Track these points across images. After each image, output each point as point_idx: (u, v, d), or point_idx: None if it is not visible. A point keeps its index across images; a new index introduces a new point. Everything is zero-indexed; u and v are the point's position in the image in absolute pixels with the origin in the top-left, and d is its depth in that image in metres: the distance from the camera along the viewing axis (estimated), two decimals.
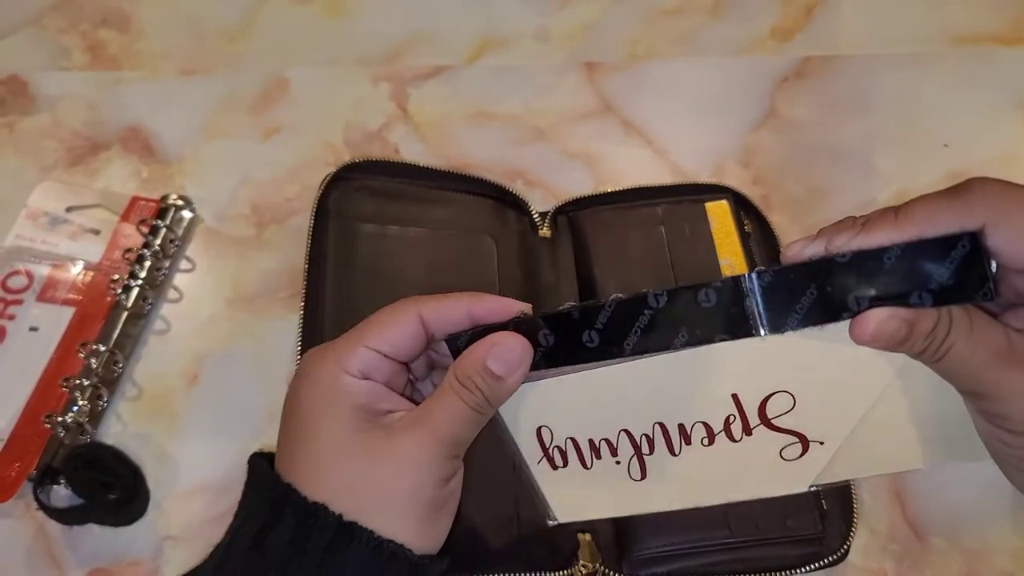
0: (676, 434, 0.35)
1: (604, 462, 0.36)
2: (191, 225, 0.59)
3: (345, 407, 0.32)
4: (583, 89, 0.66)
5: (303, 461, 0.32)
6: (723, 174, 0.61)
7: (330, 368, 0.33)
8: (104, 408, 0.51)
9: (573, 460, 0.36)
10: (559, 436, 0.36)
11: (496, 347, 0.31)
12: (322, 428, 0.32)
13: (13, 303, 0.53)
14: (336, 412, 0.32)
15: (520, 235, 0.57)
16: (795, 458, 0.35)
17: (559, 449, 0.36)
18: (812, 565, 0.45)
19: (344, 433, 0.32)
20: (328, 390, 0.32)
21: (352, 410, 0.32)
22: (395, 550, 0.31)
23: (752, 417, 0.34)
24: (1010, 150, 0.63)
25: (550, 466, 0.37)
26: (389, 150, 0.62)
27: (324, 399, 0.32)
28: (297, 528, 0.31)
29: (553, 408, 0.35)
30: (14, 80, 0.65)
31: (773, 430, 0.34)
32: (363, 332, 0.33)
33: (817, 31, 0.69)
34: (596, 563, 0.45)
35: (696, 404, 0.34)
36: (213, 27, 0.68)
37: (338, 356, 0.33)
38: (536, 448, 0.36)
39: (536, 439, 0.36)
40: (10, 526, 0.48)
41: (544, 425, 0.36)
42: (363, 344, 0.33)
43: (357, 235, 0.54)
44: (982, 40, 0.68)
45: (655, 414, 0.35)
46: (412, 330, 0.33)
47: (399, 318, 0.33)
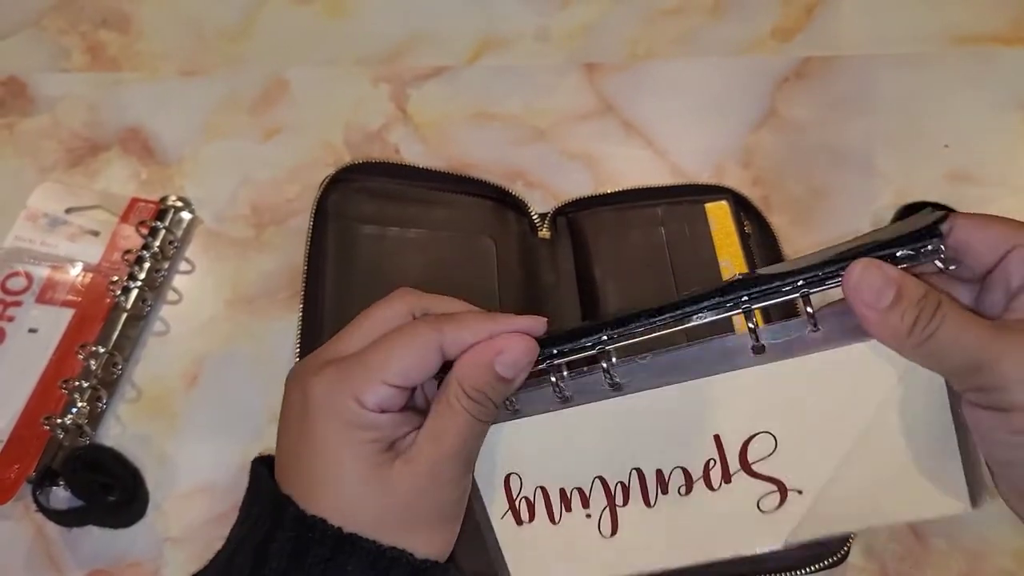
0: (653, 481, 0.34)
1: (574, 515, 0.35)
2: (190, 226, 0.59)
3: (364, 443, 0.31)
4: (583, 89, 0.66)
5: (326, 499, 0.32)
6: (723, 174, 0.61)
7: (347, 402, 0.31)
8: (103, 410, 0.51)
9: (540, 513, 0.35)
10: (528, 485, 0.35)
11: (504, 354, 0.31)
12: (344, 467, 0.31)
13: (12, 304, 0.53)
14: (355, 449, 0.31)
15: (520, 236, 0.57)
16: (772, 509, 0.34)
17: (527, 501, 0.35)
18: (813, 566, 0.45)
19: (364, 468, 0.31)
20: (346, 426, 0.31)
21: (371, 444, 0.31)
22: (395, 555, 0.31)
23: (733, 462, 0.33)
24: (1009, 149, 0.63)
25: (515, 521, 0.35)
26: (389, 151, 0.62)
27: (341, 434, 0.32)
28: (296, 540, 0.31)
29: (526, 451, 0.34)
30: (13, 81, 0.65)
31: (753, 476, 0.33)
32: (380, 363, 0.32)
33: (817, 31, 0.69)
34: None
35: (677, 446, 0.34)
36: (213, 28, 0.68)
37: (354, 390, 0.31)
38: (502, 499, 0.35)
39: (503, 488, 0.35)
40: (9, 528, 0.48)
41: (514, 472, 0.35)
42: (381, 380, 0.31)
43: (356, 236, 0.54)
44: (983, 40, 0.68)
45: (634, 458, 0.34)
46: (431, 360, 0.32)
47: (418, 350, 0.32)
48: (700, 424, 0.33)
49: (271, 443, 0.50)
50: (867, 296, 0.29)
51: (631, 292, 0.53)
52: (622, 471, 0.34)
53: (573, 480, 0.34)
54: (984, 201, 0.59)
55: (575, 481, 0.34)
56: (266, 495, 0.33)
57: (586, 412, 0.33)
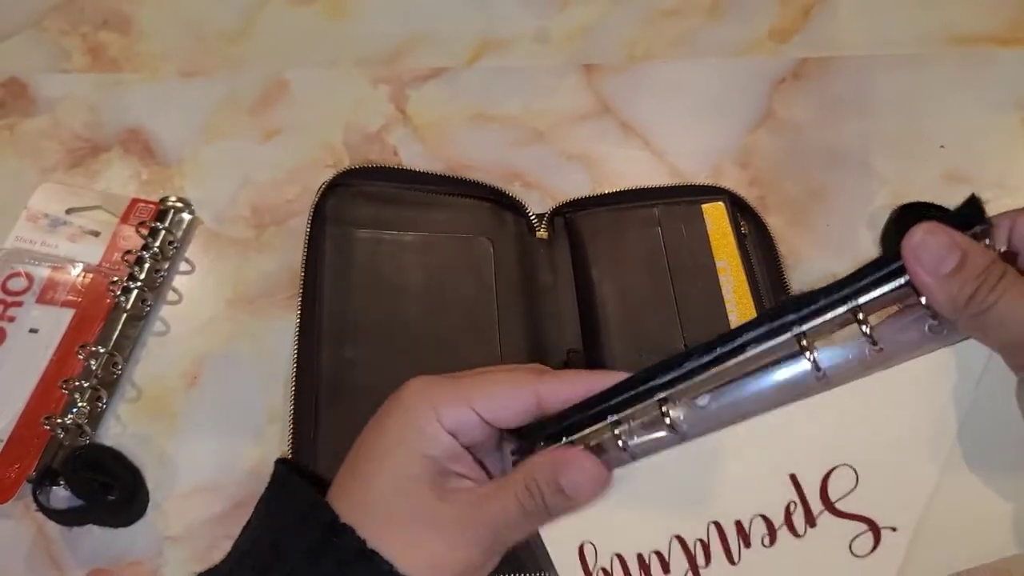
0: (734, 534, 0.31)
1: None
2: (190, 227, 0.59)
3: (417, 453, 0.31)
4: (582, 91, 0.66)
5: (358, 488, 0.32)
6: (721, 175, 0.62)
7: (425, 409, 0.31)
8: (103, 409, 0.52)
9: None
10: (604, 553, 0.32)
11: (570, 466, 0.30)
12: (386, 463, 0.31)
13: (13, 305, 0.54)
14: (406, 454, 0.31)
15: (517, 237, 0.57)
16: (868, 553, 0.30)
17: (603, 572, 0.33)
18: None
19: (404, 477, 0.31)
20: (409, 428, 0.31)
21: (423, 459, 0.31)
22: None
23: (814, 502, 0.30)
24: (1006, 150, 0.63)
25: None
26: (388, 152, 0.63)
27: (402, 434, 0.31)
28: (320, 542, 0.30)
29: (596, 516, 0.32)
30: (14, 82, 0.65)
31: (838, 516, 0.30)
32: (476, 388, 0.32)
33: (815, 32, 0.69)
34: None
35: (752, 492, 0.31)
36: (213, 29, 0.69)
37: (438, 401, 0.31)
38: (578, 571, 0.33)
39: (578, 560, 0.33)
40: (10, 527, 0.49)
41: (587, 541, 0.33)
42: (470, 403, 0.31)
43: (354, 241, 0.54)
44: (980, 41, 0.68)
45: (709, 510, 0.32)
46: (524, 406, 0.32)
47: (516, 391, 0.32)
48: (772, 464, 0.31)
49: (271, 443, 0.51)
50: (927, 259, 0.27)
51: (628, 292, 0.53)
52: (699, 526, 0.32)
53: (650, 543, 0.32)
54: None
55: (652, 544, 0.32)
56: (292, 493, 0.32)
57: (652, 466, 0.31)
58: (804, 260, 0.57)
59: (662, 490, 0.32)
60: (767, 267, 0.56)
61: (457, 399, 0.31)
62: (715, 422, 0.31)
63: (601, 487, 0.31)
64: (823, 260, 0.58)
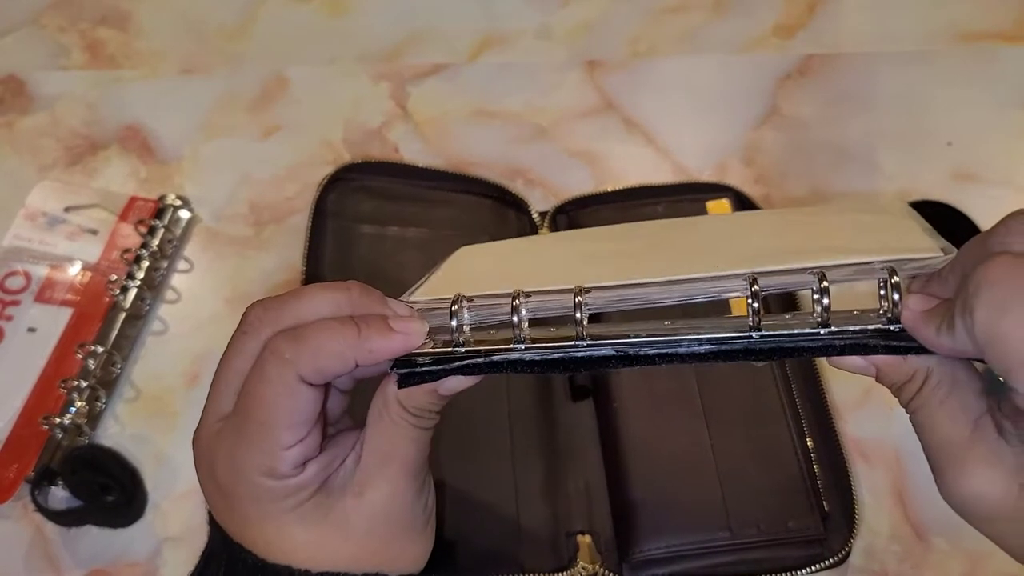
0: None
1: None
2: (189, 225, 0.58)
3: (298, 506, 0.30)
4: (584, 87, 0.66)
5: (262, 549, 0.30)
6: (725, 172, 0.61)
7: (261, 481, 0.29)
8: (102, 409, 0.51)
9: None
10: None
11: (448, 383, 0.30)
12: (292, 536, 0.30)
13: (11, 304, 0.53)
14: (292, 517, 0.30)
15: (520, 235, 0.56)
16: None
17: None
18: (814, 567, 0.45)
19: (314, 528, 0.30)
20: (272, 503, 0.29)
21: (307, 504, 0.30)
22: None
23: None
24: (1013, 147, 0.62)
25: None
26: (389, 149, 0.62)
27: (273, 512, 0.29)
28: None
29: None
30: (12, 79, 0.65)
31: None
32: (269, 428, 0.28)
33: (820, 28, 0.68)
34: (596, 565, 0.45)
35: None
36: (212, 26, 0.68)
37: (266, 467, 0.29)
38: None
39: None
40: (8, 528, 0.48)
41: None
42: (281, 448, 0.28)
43: (356, 236, 0.54)
44: (985, 38, 0.68)
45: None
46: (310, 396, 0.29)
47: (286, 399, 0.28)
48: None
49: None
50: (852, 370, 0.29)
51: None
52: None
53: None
54: (988, 200, 0.59)
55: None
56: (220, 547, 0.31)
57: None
58: None
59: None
60: None
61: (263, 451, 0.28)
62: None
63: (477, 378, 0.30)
64: None
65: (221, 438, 0.30)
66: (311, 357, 0.28)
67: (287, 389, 0.28)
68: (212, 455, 0.30)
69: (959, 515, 0.29)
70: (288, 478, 0.29)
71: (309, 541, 0.30)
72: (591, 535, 0.46)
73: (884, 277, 0.29)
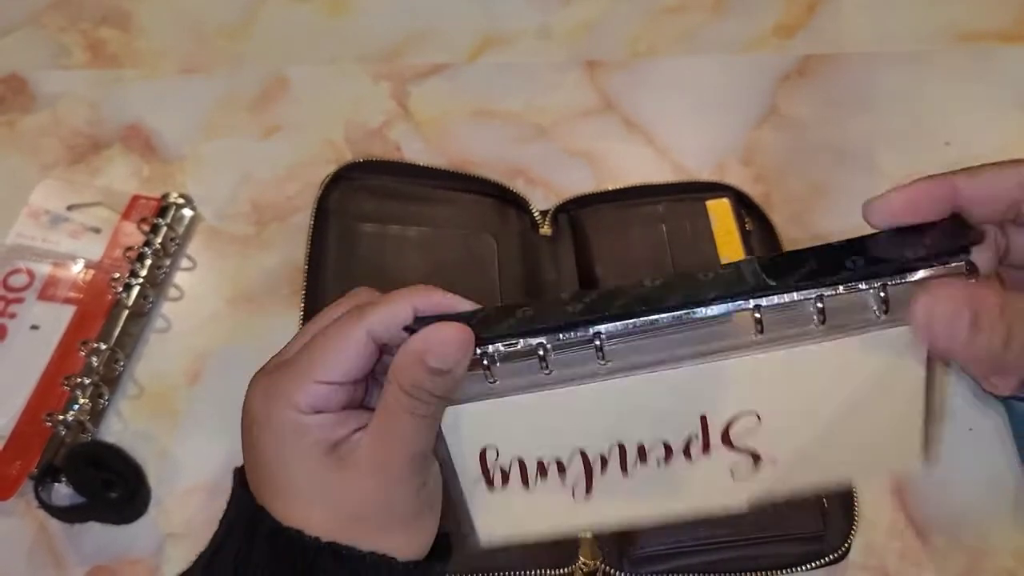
0: (634, 454, 0.34)
1: (549, 482, 0.34)
2: (192, 223, 0.59)
3: (303, 446, 0.31)
4: (585, 87, 0.66)
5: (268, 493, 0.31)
6: (725, 172, 0.61)
7: (280, 407, 0.31)
8: (105, 406, 0.51)
9: (515, 481, 0.34)
10: (505, 457, 0.34)
11: (430, 341, 0.29)
12: (284, 467, 0.31)
13: (14, 301, 0.53)
14: (294, 451, 0.31)
15: (521, 234, 0.57)
16: (744, 476, 0.34)
17: (501, 470, 0.34)
18: (813, 563, 0.45)
19: (309, 474, 0.31)
20: (282, 429, 0.31)
21: (311, 447, 0.31)
22: (377, 562, 0.31)
23: (715, 438, 0.34)
24: (1012, 147, 0.62)
25: (487, 486, 0.34)
26: (390, 148, 0.62)
27: (280, 439, 0.31)
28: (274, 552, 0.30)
29: (506, 428, 0.33)
30: (14, 78, 0.65)
31: (730, 449, 0.34)
32: (310, 363, 0.31)
33: (819, 29, 0.69)
34: (597, 561, 0.45)
35: (662, 424, 0.33)
36: (213, 25, 0.68)
37: (287, 396, 0.31)
38: (476, 469, 0.34)
39: (478, 460, 0.34)
40: (11, 524, 0.48)
41: (490, 446, 0.34)
42: (312, 379, 0.30)
43: (357, 235, 0.54)
44: (984, 37, 0.68)
45: (617, 434, 0.34)
46: (361, 351, 0.31)
47: (345, 343, 0.31)
48: (688, 406, 0.33)
49: None
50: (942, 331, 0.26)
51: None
52: (604, 446, 0.34)
53: (552, 453, 0.34)
54: None
55: (554, 454, 0.34)
56: (243, 506, 0.32)
57: (572, 393, 0.32)
58: None
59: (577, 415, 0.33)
60: None
61: (298, 381, 0.31)
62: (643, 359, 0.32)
63: (468, 346, 0.30)
64: None
65: (267, 373, 0.32)
66: (379, 312, 0.31)
67: (348, 340, 0.30)
68: (253, 389, 0.32)
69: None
70: (301, 414, 0.30)
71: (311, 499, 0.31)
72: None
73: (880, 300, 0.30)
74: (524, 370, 0.33)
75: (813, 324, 0.31)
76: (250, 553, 0.31)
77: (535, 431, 0.34)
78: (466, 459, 0.34)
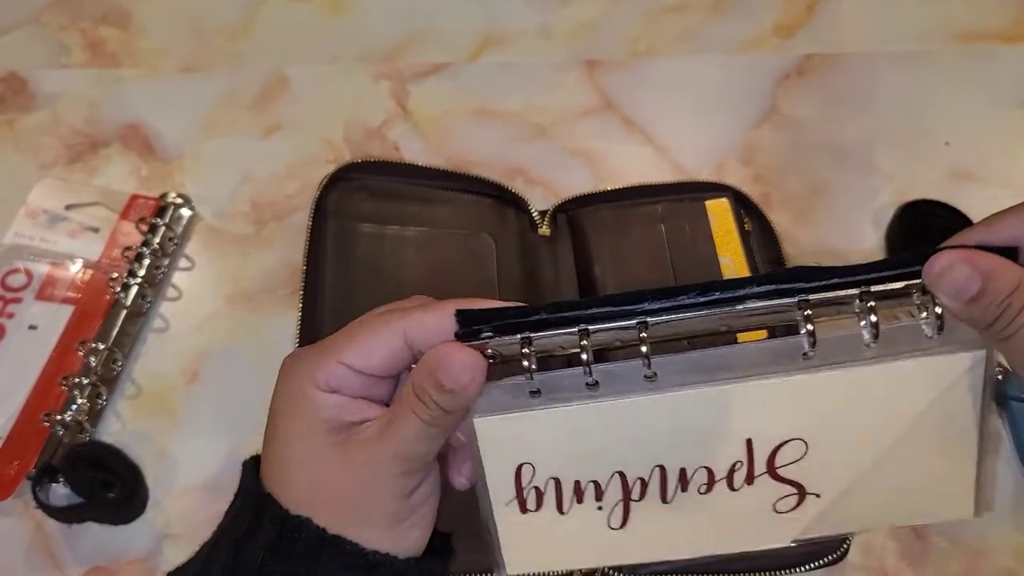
0: (674, 479, 0.33)
1: (584, 507, 0.33)
2: (190, 223, 0.59)
3: (311, 420, 0.31)
4: (584, 86, 0.66)
5: (276, 471, 0.32)
6: (724, 172, 0.61)
7: (299, 381, 0.32)
8: (103, 406, 0.51)
9: (549, 503, 0.33)
10: (541, 475, 0.33)
11: (443, 360, 0.30)
12: (290, 440, 0.32)
13: (12, 301, 0.53)
14: (303, 424, 0.32)
15: (519, 233, 0.57)
16: (787, 511, 0.33)
17: (536, 490, 0.33)
18: (812, 563, 0.45)
19: (309, 444, 0.31)
20: (296, 403, 0.32)
21: (319, 423, 0.31)
22: (379, 560, 0.31)
23: (759, 465, 0.32)
24: (1011, 147, 0.62)
25: (519, 509, 0.33)
26: (389, 147, 0.62)
27: (292, 412, 0.32)
28: (278, 539, 0.31)
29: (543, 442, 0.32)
30: (13, 77, 0.65)
31: (776, 480, 0.33)
32: (340, 344, 0.32)
33: (819, 28, 0.68)
34: None
35: (706, 446, 0.32)
36: (213, 25, 0.68)
37: (309, 369, 0.32)
38: (510, 487, 0.33)
39: (513, 477, 0.33)
40: (9, 524, 0.48)
41: (527, 462, 0.33)
42: (336, 359, 0.31)
43: (356, 235, 0.54)
44: (983, 38, 0.68)
45: (659, 455, 0.32)
46: (392, 348, 0.31)
47: (379, 335, 0.31)
48: (733, 427, 0.32)
49: None
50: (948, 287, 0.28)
51: (631, 289, 0.53)
52: (644, 468, 0.33)
53: (590, 473, 0.33)
54: (986, 199, 0.59)
55: (592, 474, 0.33)
56: (249, 491, 0.33)
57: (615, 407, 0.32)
58: (808, 257, 0.57)
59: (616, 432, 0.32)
60: (771, 264, 0.55)
61: (323, 358, 0.31)
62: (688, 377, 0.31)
63: (478, 373, 0.30)
64: (827, 257, 0.57)
65: (300, 351, 0.33)
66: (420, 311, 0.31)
67: (383, 336, 0.31)
68: (283, 366, 0.33)
69: None
70: (318, 389, 0.31)
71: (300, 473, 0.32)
72: None
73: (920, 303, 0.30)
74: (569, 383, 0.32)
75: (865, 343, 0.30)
76: (253, 537, 0.31)
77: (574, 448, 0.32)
78: (502, 476, 0.33)
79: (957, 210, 0.56)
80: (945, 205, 0.56)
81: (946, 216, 0.55)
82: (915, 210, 0.56)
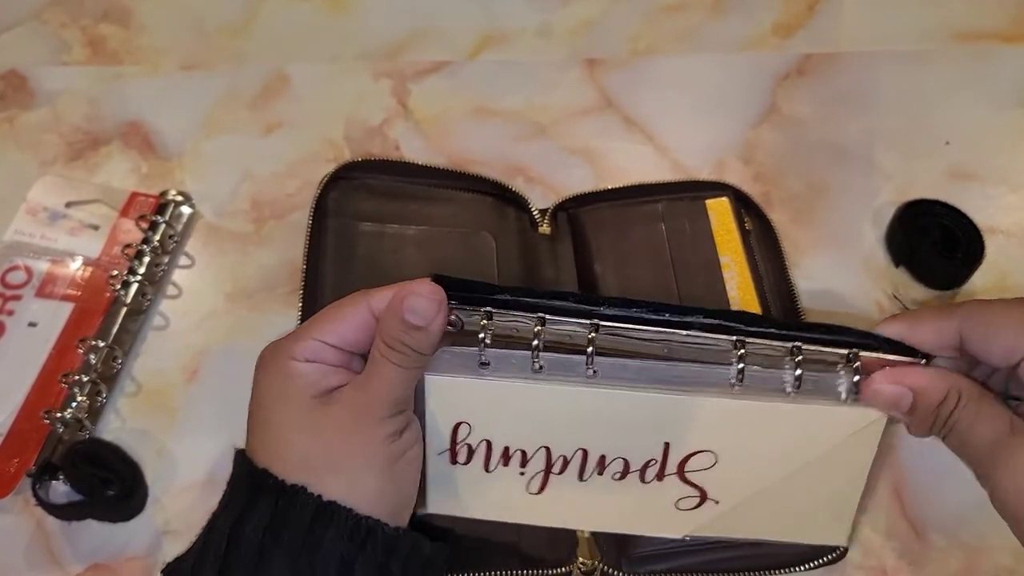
0: (594, 463, 0.37)
1: (508, 470, 0.37)
2: (190, 221, 0.59)
3: (294, 390, 0.34)
4: (584, 85, 0.66)
5: (267, 444, 0.34)
6: (724, 171, 0.61)
7: (279, 359, 0.34)
8: (103, 404, 0.51)
9: (477, 461, 0.37)
10: (476, 436, 0.36)
11: (409, 299, 0.32)
12: (275, 411, 0.34)
13: (12, 298, 0.53)
14: (287, 395, 0.34)
15: (520, 232, 0.57)
16: (687, 509, 0.38)
17: (468, 447, 0.37)
18: (812, 563, 0.45)
19: (295, 413, 0.34)
20: (278, 376, 0.34)
21: (301, 391, 0.34)
22: (372, 525, 0.32)
23: (671, 467, 0.36)
24: (1011, 147, 0.63)
25: (450, 459, 0.37)
26: (390, 146, 0.62)
27: (275, 385, 0.34)
28: (274, 512, 0.32)
29: (485, 408, 0.36)
30: (14, 74, 0.65)
31: (683, 481, 0.37)
32: (312, 324, 0.35)
33: (819, 28, 0.69)
34: (595, 560, 0.45)
35: (628, 441, 0.36)
36: (214, 23, 0.68)
37: (287, 347, 0.34)
38: (445, 440, 0.37)
39: (450, 432, 0.36)
40: (9, 522, 0.48)
41: (465, 422, 0.36)
42: (311, 336, 0.34)
43: (356, 234, 0.54)
44: (983, 37, 0.68)
45: (584, 440, 0.36)
46: (360, 321, 0.34)
47: (347, 311, 0.35)
48: (656, 430, 0.36)
49: None
50: (884, 406, 0.34)
51: (632, 288, 0.53)
52: (569, 448, 0.36)
53: (519, 443, 0.36)
54: (986, 199, 0.59)
55: (521, 444, 0.36)
56: (242, 474, 0.34)
57: (555, 391, 0.35)
58: (808, 256, 0.57)
59: (552, 413, 0.36)
60: (771, 263, 0.55)
61: (299, 336, 0.35)
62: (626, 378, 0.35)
63: (444, 306, 0.33)
64: (827, 256, 0.57)
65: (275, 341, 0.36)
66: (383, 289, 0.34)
67: (351, 311, 0.35)
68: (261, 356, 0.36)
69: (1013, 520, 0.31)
70: (296, 361, 0.34)
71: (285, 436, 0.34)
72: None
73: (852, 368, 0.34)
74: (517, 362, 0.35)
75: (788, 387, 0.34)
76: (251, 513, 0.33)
77: (510, 418, 0.36)
78: (439, 429, 0.36)
79: (957, 209, 0.56)
80: (945, 204, 0.56)
81: (946, 215, 0.55)
82: (915, 209, 0.56)
